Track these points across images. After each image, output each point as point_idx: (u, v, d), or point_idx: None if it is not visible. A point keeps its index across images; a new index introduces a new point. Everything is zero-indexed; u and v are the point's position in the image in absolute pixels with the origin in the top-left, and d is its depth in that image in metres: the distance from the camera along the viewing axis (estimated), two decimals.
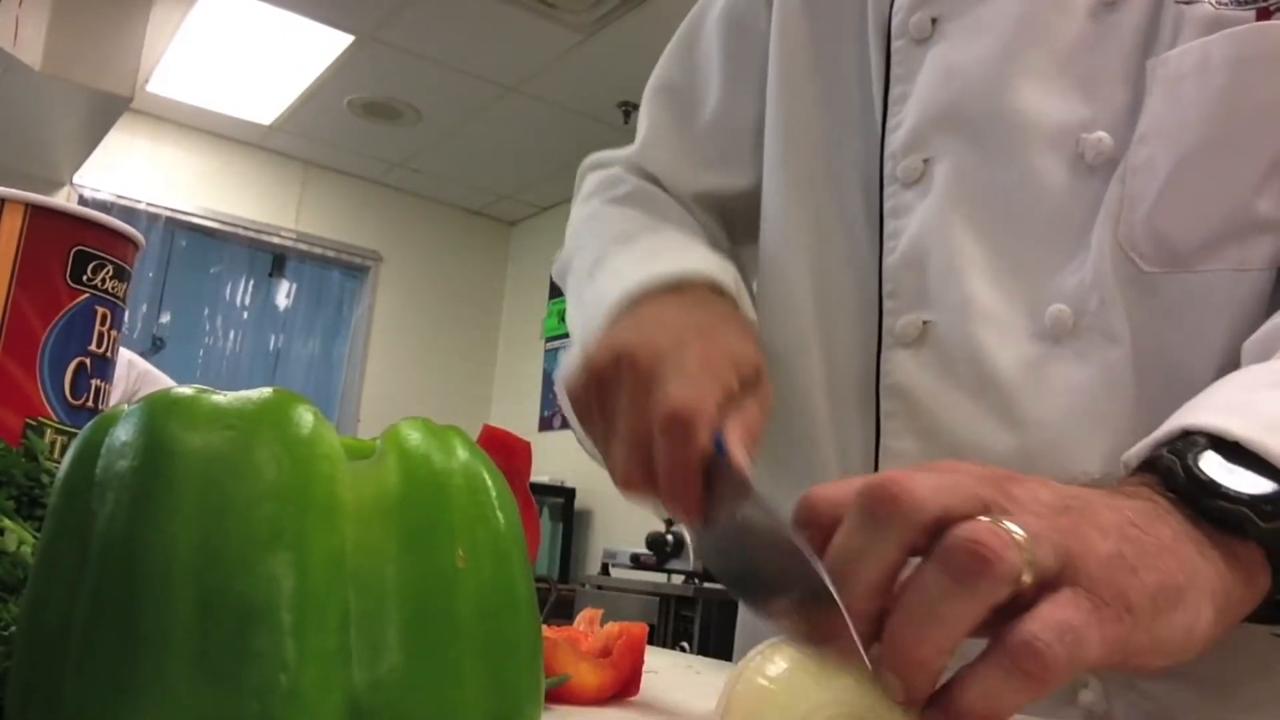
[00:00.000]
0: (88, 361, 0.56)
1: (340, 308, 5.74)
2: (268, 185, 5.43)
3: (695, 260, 0.64)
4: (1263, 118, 0.55)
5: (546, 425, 5.43)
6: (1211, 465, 0.40)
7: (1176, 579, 0.37)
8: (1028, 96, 0.62)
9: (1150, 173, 0.57)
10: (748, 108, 0.80)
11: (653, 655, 0.68)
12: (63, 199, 0.85)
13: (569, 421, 0.61)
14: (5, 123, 4.00)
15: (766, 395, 0.55)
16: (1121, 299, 0.58)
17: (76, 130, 4.22)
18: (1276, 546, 0.40)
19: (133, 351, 2.33)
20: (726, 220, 0.84)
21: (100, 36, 3.71)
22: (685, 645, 3.49)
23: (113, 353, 0.59)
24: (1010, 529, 0.34)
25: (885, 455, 0.65)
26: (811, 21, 0.76)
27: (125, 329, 0.62)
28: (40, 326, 0.54)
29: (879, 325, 0.67)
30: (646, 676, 0.56)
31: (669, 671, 0.67)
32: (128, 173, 5.01)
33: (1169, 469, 0.41)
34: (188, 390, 0.29)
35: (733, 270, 0.66)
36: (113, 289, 0.58)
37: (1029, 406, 0.59)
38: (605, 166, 0.89)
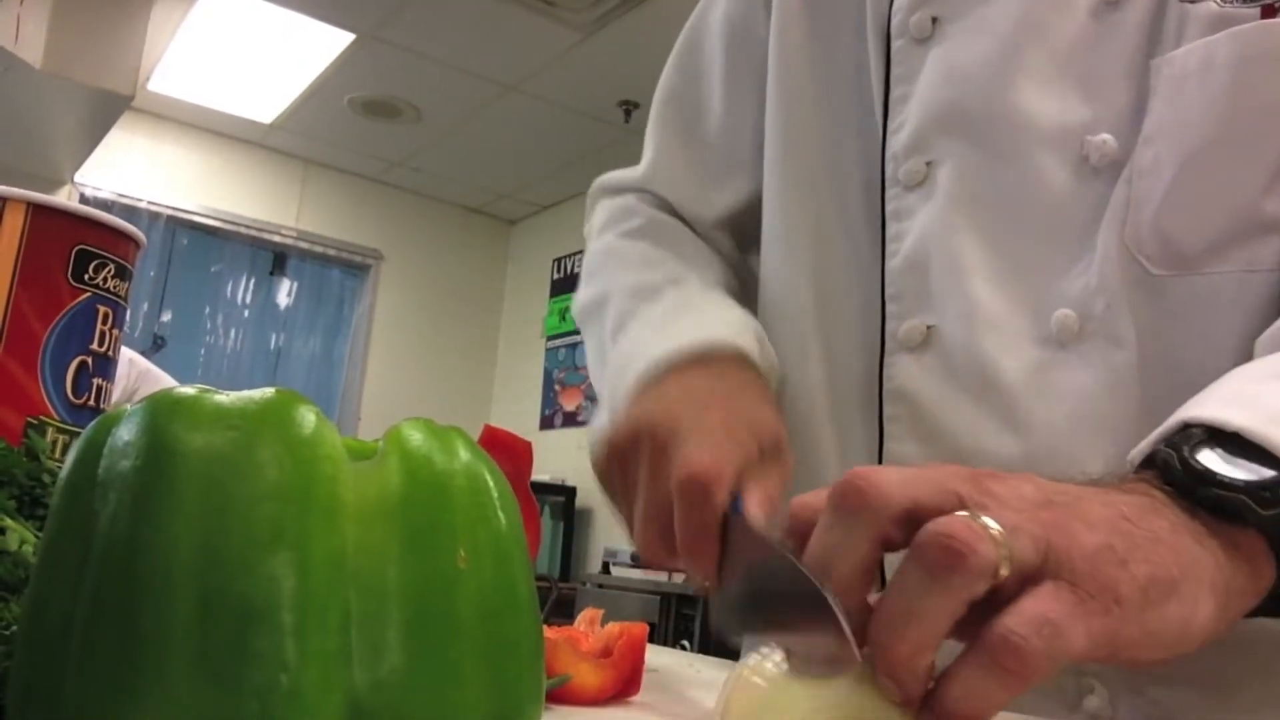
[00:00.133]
0: (89, 360, 0.56)
1: (341, 306, 5.75)
2: (268, 184, 5.43)
3: (719, 327, 0.64)
4: (1268, 117, 0.55)
5: (547, 424, 5.43)
6: (1208, 456, 0.40)
7: (1170, 571, 0.36)
8: (1030, 97, 0.61)
9: (1156, 174, 0.57)
10: (750, 114, 0.80)
11: (653, 654, 0.68)
12: (64, 198, 0.85)
13: (605, 498, 0.60)
14: (6, 121, 4.00)
15: (787, 465, 0.54)
16: (1128, 302, 0.57)
17: (77, 129, 4.22)
18: (1279, 534, 0.40)
19: (133, 350, 2.33)
20: (737, 233, 0.83)
21: (101, 35, 3.71)
22: (686, 644, 3.50)
23: (114, 352, 0.59)
24: (986, 523, 0.34)
25: (888, 459, 0.65)
26: (810, 22, 0.75)
27: (126, 327, 0.62)
28: (42, 326, 0.54)
29: (881, 329, 0.66)
30: (647, 676, 0.56)
31: (670, 671, 0.67)
32: (129, 171, 5.01)
33: (1166, 461, 0.41)
34: (190, 390, 0.29)
35: (754, 327, 0.66)
36: (114, 288, 0.58)
37: (1033, 411, 0.59)
38: (616, 192, 0.89)
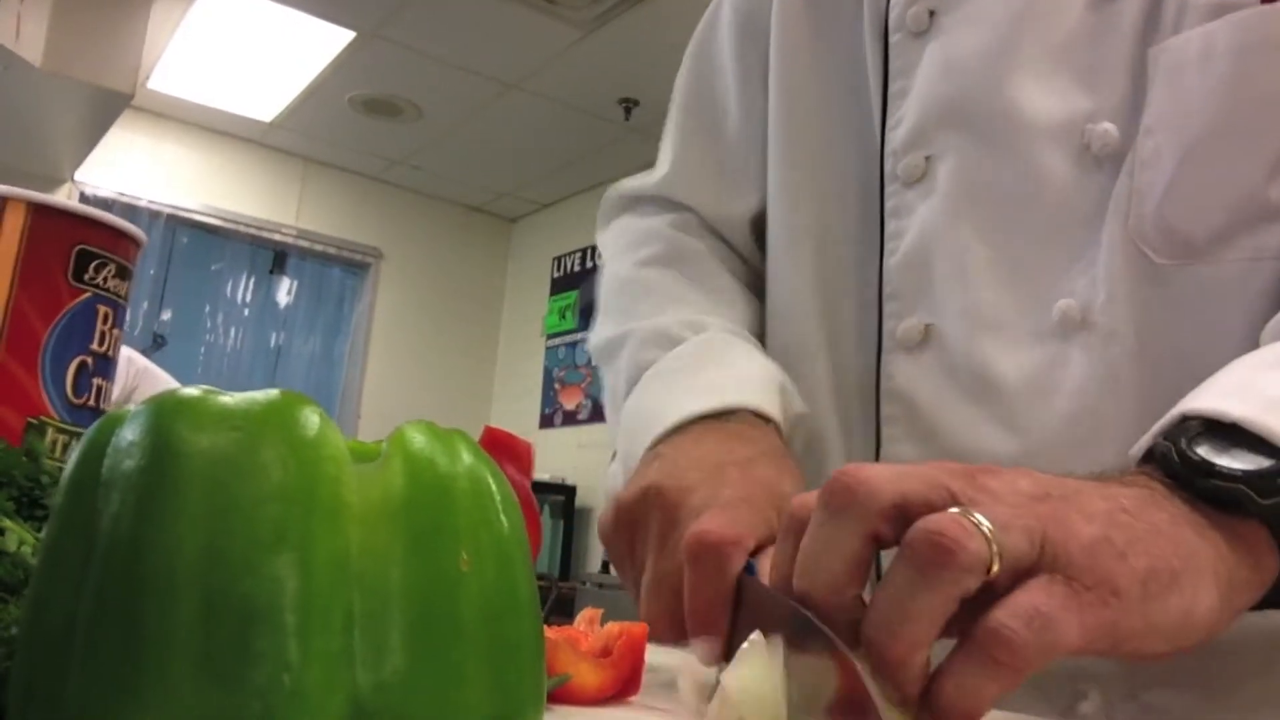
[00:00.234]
0: (89, 360, 0.56)
1: (341, 305, 5.75)
2: (268, 182, 5.43)
3: (737, 388, 0.62)
4: (1269, 104, 0.54)
5: (547, 423, 5.44)
6: (1206, 447, 0.40)
7: (1170, 563, 0.36)
8: (1029, 89, 0.61)
9: (1157, 164, 0.56)
10: (762, 111, 0.78)
11: (653, 654, 0.68)
12: (64, 196, 0.85)
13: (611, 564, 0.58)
14: (6, 120, 4.00)
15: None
16: (1133, 294, 0.57)
17: (77, 127, 4.22)
18: None
19: (133, 349, 2.33)
20: (761, 234, 0.81)
21: (101, 34, 3.71)
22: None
23: (114, 352, 0.59)
24: (976, 519, 0.34)
25: (885, 460, 0.64)
26: (810, 16, 0.75)
27: (126, 326, 0.62)
28: (42, 326, 0.54)
29: (879, 328, 0.66)
30: (647, 676, 0.56)
31: (670, 671, 0.67)
32: (129, 170, 5.01)
33: (1165, 454, 0.41)
34: (194, 391, 0.29)
35: (778, 380, 0.65)
36: (114, 287, 0.58)
37: (1032, 410, 0.59)
38: (632, 206, 0.87)
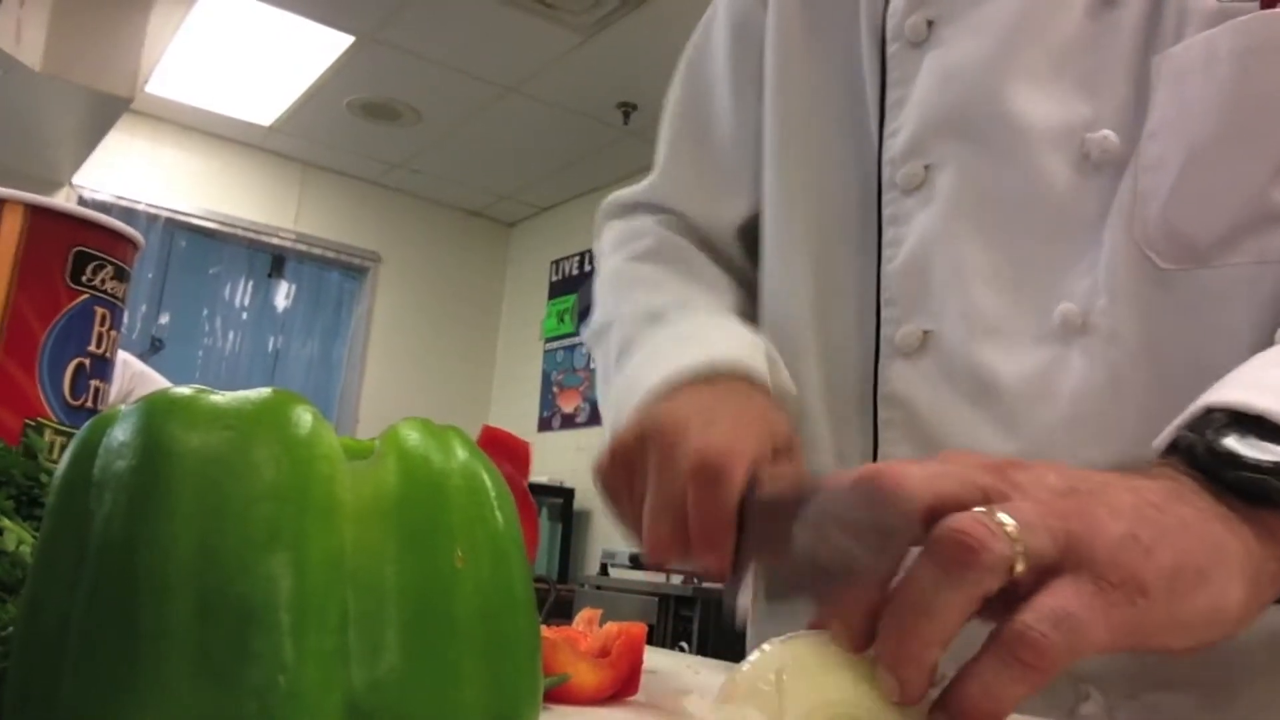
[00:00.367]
0: (87, 362, 0.56)
1: (339, 309, 5.74)
2: (267, 186, 5.43)
3: (725, 348, 0.63)
4: (1272, 108, 0.54)
5: (545, 425, 5.43)
6: (1232, 439, 0.40)
7: (1197, 559, 0.36)
8: (1028, 98, 0.61)
9: (1161, 169, 0.56)
10: (758, 120, 0.78)
11: (651, 655, 0.68)
12: (62, 199, 0.85)
13: (606, 508, 0.59)
14: (5, 123, 4.00)
15: (801, 466, 0.53)
16: (1135, 297, 0.57)
17: (76, 130, 4.22)
18: None
19: (131, 352, 2.33)
20: (750, 243, 0.82)
21: (100, 37, 3.71)
22: (684, 645, 3.49)
23: (112, 353, 0.59)
24: (1001, 519, 0.34)
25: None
26: (806, 25, 0.75)
27: (124, 329, 0.62)
28: (40, 327, 0.54)
29: (876, 334, 0.66)
30: (645, 676, 0.56)
31: (668, 672, 0.67)
32: (127, 173, 5.01)
33: (1190, 447, 0.41)
34: (186, 390, 0.29)
35: (765, 349, 0.65)
36: (112, 290, 0.58)
37: (1031, 413, 0.59)
38: (625, 212, 0.87)
